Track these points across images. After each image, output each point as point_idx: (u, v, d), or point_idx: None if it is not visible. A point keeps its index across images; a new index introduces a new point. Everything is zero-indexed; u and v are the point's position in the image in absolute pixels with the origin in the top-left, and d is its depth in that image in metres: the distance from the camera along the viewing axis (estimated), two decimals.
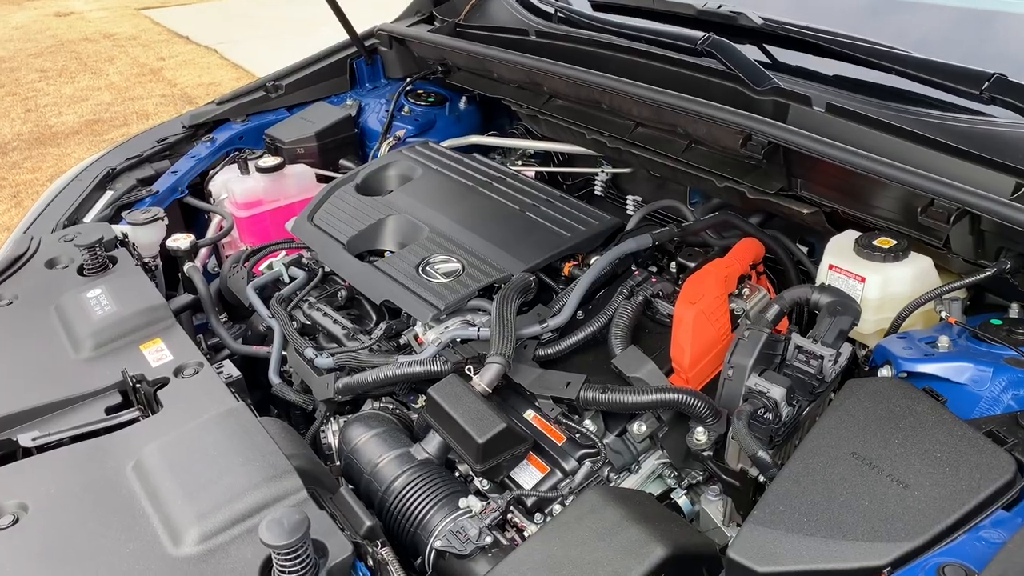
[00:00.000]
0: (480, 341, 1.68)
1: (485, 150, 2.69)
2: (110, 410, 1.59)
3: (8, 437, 1.51)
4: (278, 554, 1.14)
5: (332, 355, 1.78)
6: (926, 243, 1.56)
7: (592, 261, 1.89)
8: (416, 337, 1.79)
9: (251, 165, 2.51)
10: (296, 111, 2.80)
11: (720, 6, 2.04)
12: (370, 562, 1.24)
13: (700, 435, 1.43)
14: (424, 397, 1.76)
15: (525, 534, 1.43)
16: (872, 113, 1.61)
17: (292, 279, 2.12)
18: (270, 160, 2.42)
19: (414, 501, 1.45)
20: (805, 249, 1.92)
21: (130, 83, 9.36)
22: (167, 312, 1.81)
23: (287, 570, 1.15)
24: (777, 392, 1.34)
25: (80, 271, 2.02)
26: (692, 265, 1.79)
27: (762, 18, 1.93)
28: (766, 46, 2.00)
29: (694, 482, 1.58)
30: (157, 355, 1.70)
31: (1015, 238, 1.38)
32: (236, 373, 1.73)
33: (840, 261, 1.56)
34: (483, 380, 1.54)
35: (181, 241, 2.17)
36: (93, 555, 1.24)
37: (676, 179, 2.06)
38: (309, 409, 1.85)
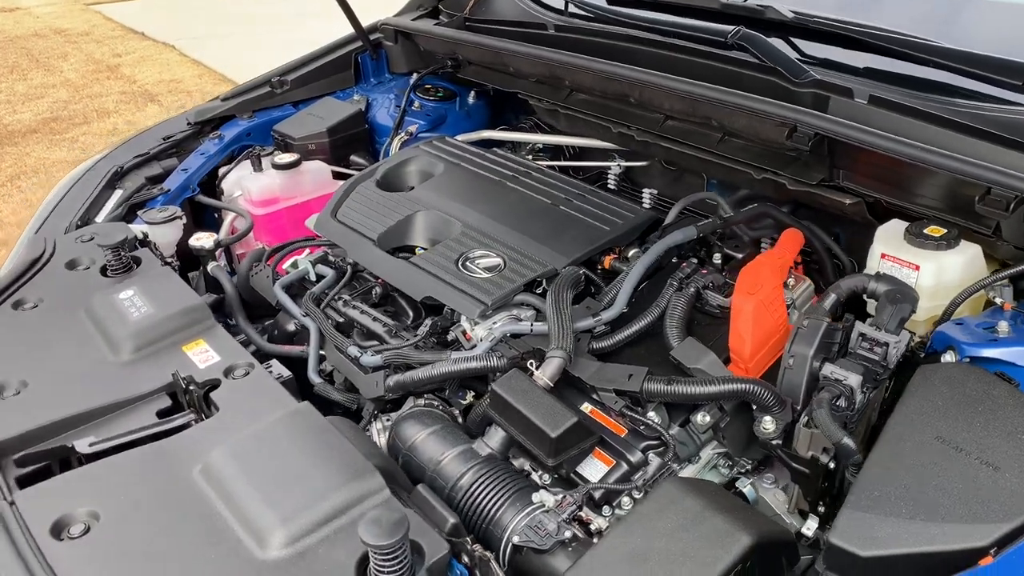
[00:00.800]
0: (533, 335, 1.68)
1: (496, 145, 2.68)
2: (161, 414, 1.55)
3: (63, 443, 1.46)
4: (377, 554, 1.13)
5: (377, 353, 1.76)
6: (973, 231, 1.59)
7: (631, 254, 1.90)
8: (464, 333, 1.78)
9: (265, 162, 2.47)
10: (302, 107, 2.77)
11: (745, 0, 2.07)
12: (464, 559, 1.23)
13: (768, 424, 1.44)
14: (472, 393, 1.76)
15: (591, 528, 1.43)
16: (915, 104, 1.64)
17: (319, 277, 2.09)
18: (286, 157, 2.38)
19: (484, 497, 1.44)
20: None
21: (87, 80, 9.13)
22: (207, 312, 1.78)
23: (385, 570, 1.14)
24: (854, 380, 1.36)
25: (103, 272, 1.97)
26: (739, 256, 1.80)
27: (792, 11, 1.95)
28: (792, 39, 2.02)
29: (742, 471, 1.60)
30: (203, 356, 1.67)
31: None
32: (287, 373, 1.71)
33: (892, 250, 1.59)
34: (545, 374, 1.54)
35: (205, 240, 2.12)
36: (177, 562, 1.22)
37: (707, 172, 2.08)
38: (353, 408, 1.83)
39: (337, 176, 2.51)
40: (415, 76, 2.83)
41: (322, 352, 1.89)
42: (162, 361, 1.66)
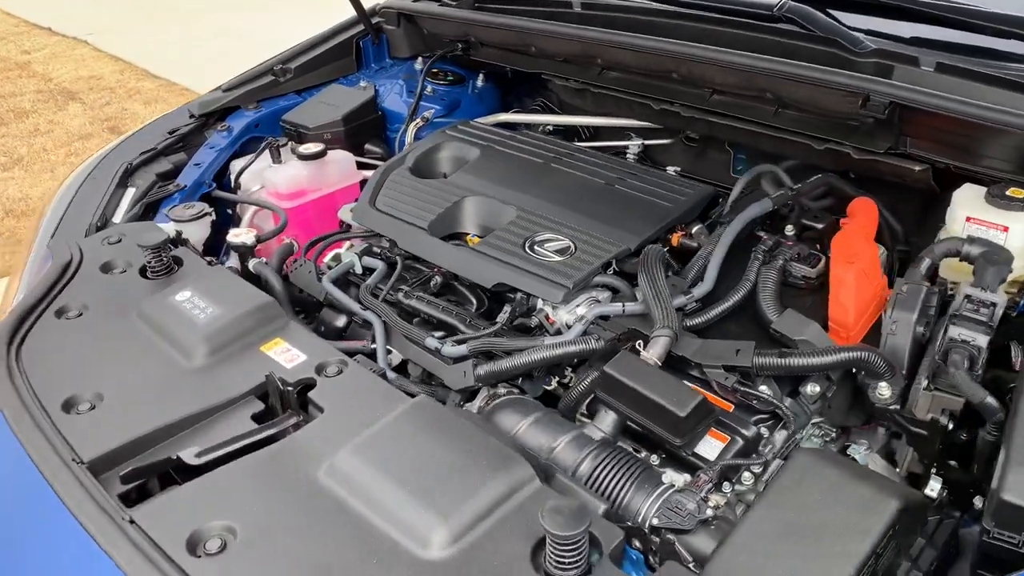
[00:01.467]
0: (625, 316, 1.65)
1: (514, 128, 2.63)
2: (258, 418, 1.47)
3: (167, 456, 1.37)
4: (558, 544, 1.10)
5: (458, 343, 1.71)
6: None
7: (695, 231, 1.89)
8: (547, 318, 1.74)
9: (285, 153, 2.37)
10: (307, 95, 2.66)
11: None
12: (636, 543, 1.20)
13: (884, 390, 1.46)
14: (556, 379, 1.73)
15: (710, 503, 1.42)
16: (981, 69, 1.68)
17: (366, 270, 2.02)
18: (311, 147, 2.29)
19: (610, 482, 1.41)
20: None
21: None
22: (279, 310, 1.69)
23: (566, 560, 1.11)
24: (982, 340, 1.38)
25: (143, 274, 1.86)
26: (819, 227, 1.81)
27: None
28: (829, 10, 2.04)
29: (828, 439, 1.62)
30: (286, 355, 1.59)
31: None
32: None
33: (977, 213, 1.62)
34: (654, 354, 1.52)
35: (245, 236, 2.02)
36: (339, 571, 1.15)
37: (758, 145, 2.09)
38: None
39: (360, 166, 2.43)
40: (420, 60, 2.77)
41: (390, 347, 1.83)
42: (243, 363, 1.57)
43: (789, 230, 1.84)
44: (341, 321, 2.01)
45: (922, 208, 1.94)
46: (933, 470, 1.46)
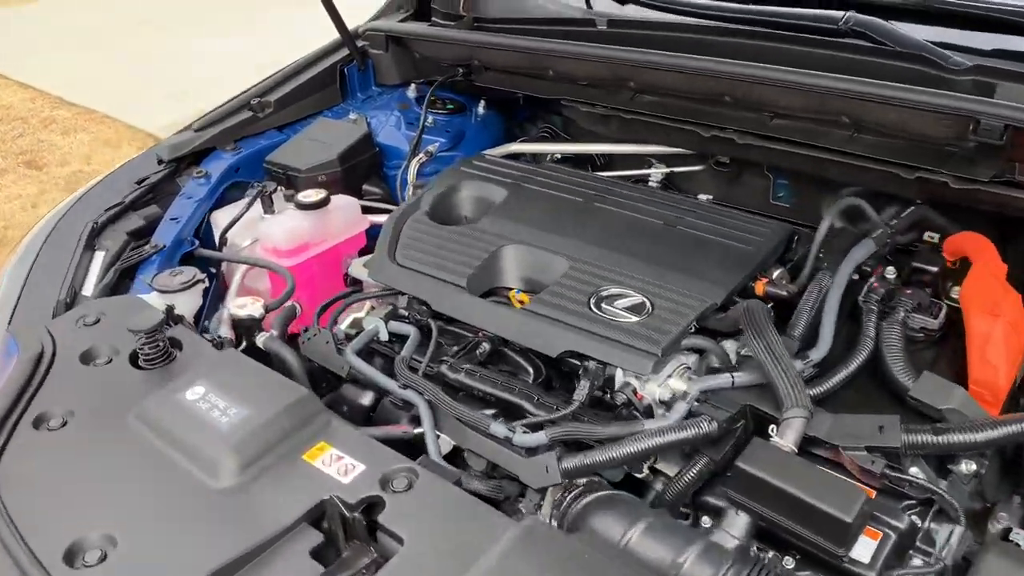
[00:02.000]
0: (734, 389, 1.41)
1: (528, 159, 2.38)
2: (319, 554, 1.18)
3: None
4: None
5: (530, 429, 1.44)
6: None
7: (776, 275, 1.66)
8: (635, 392, 1.48)
9: (278, 201, 2.07)
10: (289, 132, 2.36)
11: None
12: None
13: None
14: (647, 466, 1.48)
15: None
16: None
17: (393, 336, 1.74)
18: (312, 194, 1.98)
19: None
20: None
21: None
22: (319, 404, 1.40)
23: None
24: None
25: (134, 363, 1.54)
26: (934, 269, 1.60)
27: None
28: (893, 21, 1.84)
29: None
30: (339, 466, 1.29)
31: None
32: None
33: None
34: (789, 440, 1.28)
35: (251, 307, 1.71)
36: None
37: (826, 173, 1.87)
38: (501, 498, 1.50)
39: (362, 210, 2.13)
40: (413, 88, 2.49)
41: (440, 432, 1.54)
42: (285, 479, 1.27)
43: (891, 273, 1.62)
44: (367, 399, 1.73)
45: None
46: None
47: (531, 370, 1.64)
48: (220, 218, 2.10)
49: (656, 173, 2.30)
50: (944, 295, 1.57)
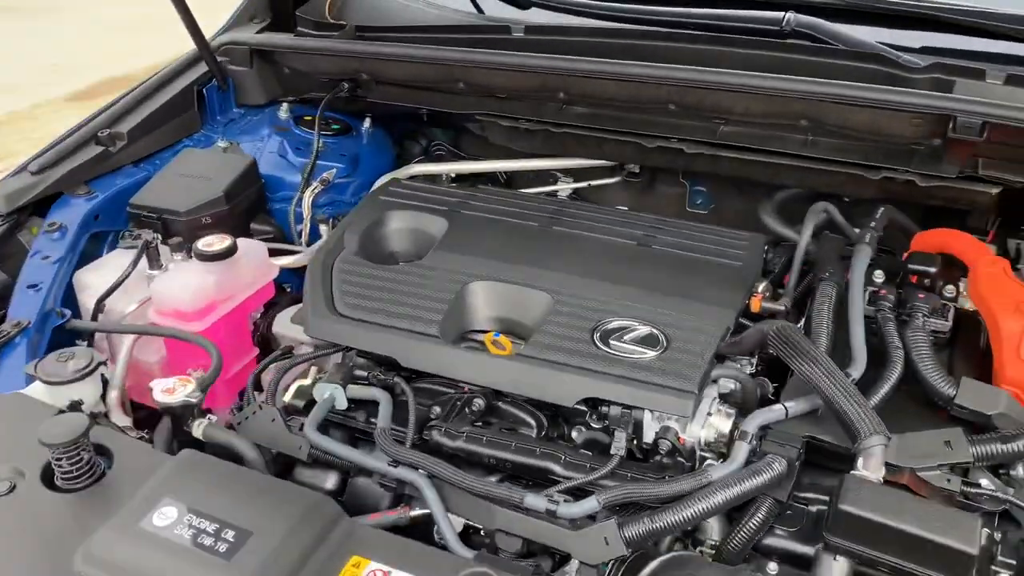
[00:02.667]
0: (790, 419, 1.30)
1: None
2: None
3: None
4: None
5: (571, 495, 1.26)
6: None
7: (760, 288, 1.58)
8: (677, 438, 1.34)
9: (165, 253, 1.71)
10: (148, 166, 1.97)
11: None
12: None
13: None
14: None
15: None
16: None
17: (353, 403, 1.48)
18: (215, 241, 1.64)
19: None
20: None
21: None
22: (335, 506, 1.13)
23: None
24: None
25: (50, 485, 1.18)
26: (933, 271, 1.57)
27: None
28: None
29: None
30: None
31: None
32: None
33: None
34: (875, 471, 1.18)
35: (182, 390, 1.37)
36: None
37: (781, 178, 1.82)
38: None
39: None
40: (284, 107, 2.18)
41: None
42: None
43: (879, 276, 1.58)
44: (331, 482, 1.47)
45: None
46: None
47: (533, 423, 1.44)
48: (88, 279, 1.71)
49: (565, 188, 2.18)
50: (939, 294, 1.56)
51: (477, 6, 2.18)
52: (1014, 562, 1.20)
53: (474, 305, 1.56)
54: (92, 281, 1.70)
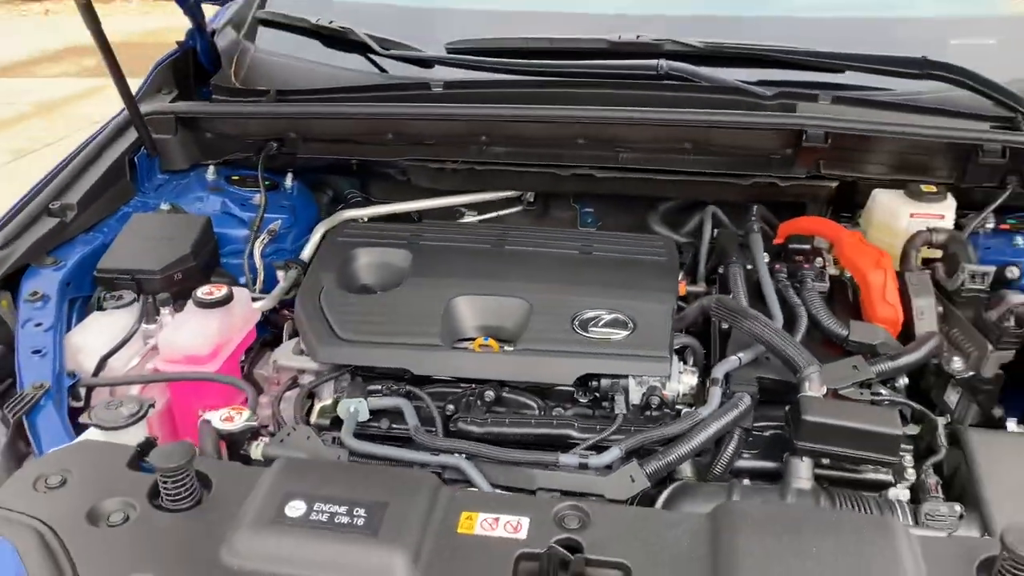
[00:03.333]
0: (743, 367, 1.68)
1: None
2: None
3: None
4: None
5: (595, 450, 1.56)
6: (938, 182, 2.08)
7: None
8: (662, 393, 1.67)
9: (165, 308, 1.83)
10: (97, 234, 2.06)
11: (638, 36, 2.26)
12: None
13: (958, 363, 1.74)
14: None
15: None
16: (869, 96, 2.08)
17: (375, 413, 1.70)
18: (213, 290, 1.79)
19: None
20: None
21: None
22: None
23: None
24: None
25: (159, 505, 1.31)
26: (809, 248, 2.01)
27: (702, 41, 2.21)
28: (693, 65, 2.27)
29: None
30: (504, 527, 1.28)
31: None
32: None
33: (916, 209, 2.00)
34: (816, 391, 1.58)
35: (240, 418, 1.53)
36: None
37: (671, 191, 2.24)
38: None
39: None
40: (212, 169, 2.33)
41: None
42: (467, 559, 1.23)
43: (766, 257, 2.02)
44: None
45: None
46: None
47: (535, 406, 1.73)
48: (79, 341, 1.79)
49: (472, 221, 2.48)
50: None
51: (379, 66, 2.43)
52: (911, 446, 1.64)
53: (461, 317, 1.83)
54: (84, 342, 1.79)
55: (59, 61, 9.71)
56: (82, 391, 1.71)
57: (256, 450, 1.54)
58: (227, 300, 1.80)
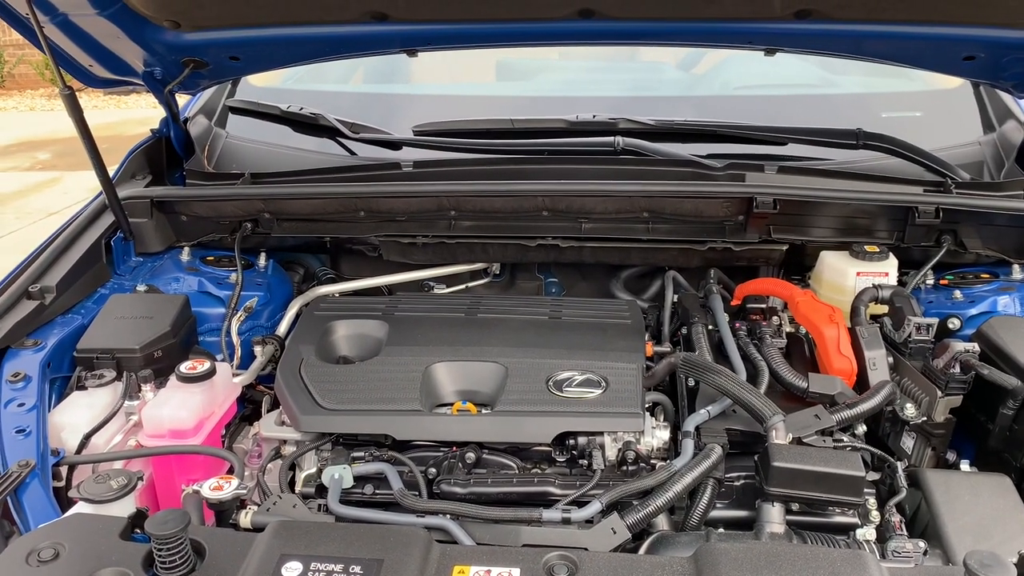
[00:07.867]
0: (712, 419, 1.76)
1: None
2: None
3: None
4: None
5: (574, 505, 1.62)
6: (879, 243, 2.22)
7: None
8: (637, 448, 1.74)
9: (144, 384, 1.86)
10: (75, 316, 2.09)
11: (594, 116, 2.40)
12: None
13: (911, 409, 1.85)
14: None
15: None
16: (811, 165, 2.24)
17: (359, 480, 1.74)
18: (196, 365, 1.83)
19: None
20: None
21: None
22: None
23: None
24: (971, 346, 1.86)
25: (153, 574, 1.34)
26: (765, 307, 2.12)
27: (654, 119, 2.36)
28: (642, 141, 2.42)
29: None
30: None
31: (957, 220, 2.15)
32: None
33: (861, 268, 2.13)
34: (784, 438, 1.67)
35: (228, 487, 1.56)
36: None
37: (630, 259, 2.35)
38: None
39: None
40: (186, 251, 2.39)
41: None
42: None
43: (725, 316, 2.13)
44: None
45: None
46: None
47: (513, 466, 1.78)
48: (61, 419, 1.80)
49: (440, 293, 2.56)
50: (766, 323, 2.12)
51: (348, 149, 2.54)
52: (874, 490, 1.73)
53: (439, 383, 1.89)
54: (67, 420, 1.81)
55: (9, 156, 9.71)
56: (63, 471, 1.73)
57: (245, 518, 1.57)
58: (211, 374, 1.84)
